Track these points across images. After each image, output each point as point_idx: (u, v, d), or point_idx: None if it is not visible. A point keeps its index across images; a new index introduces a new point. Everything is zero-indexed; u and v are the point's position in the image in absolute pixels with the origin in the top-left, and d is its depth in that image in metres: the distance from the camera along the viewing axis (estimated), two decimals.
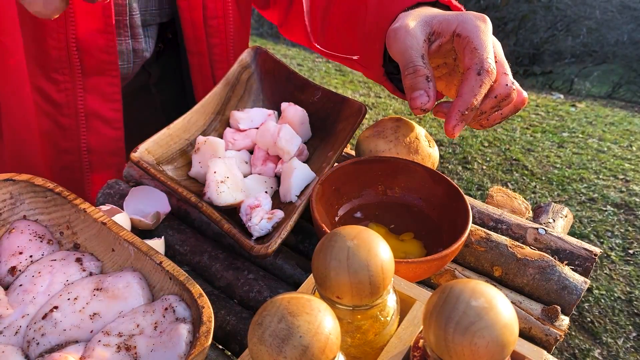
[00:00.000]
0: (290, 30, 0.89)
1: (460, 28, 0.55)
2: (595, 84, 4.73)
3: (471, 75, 0.52)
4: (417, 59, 0.55)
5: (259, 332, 0.29)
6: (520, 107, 0.58)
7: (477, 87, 0.52)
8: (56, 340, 0.43)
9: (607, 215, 2.31)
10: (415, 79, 0.55)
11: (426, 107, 0.54)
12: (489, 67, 0.52)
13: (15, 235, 0.51)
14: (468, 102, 0.52)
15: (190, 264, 0.60)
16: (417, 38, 0.56)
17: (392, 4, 0.63)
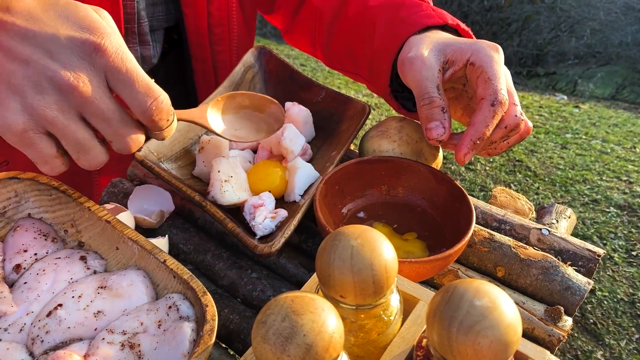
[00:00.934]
0: (295, 38, 0.89)
1: (474, 57, 0.56)
2: (598, 85, 4.72)
3: (485, 106, 0.53)
4: (432, 90, 0.56)
5: (263, 330, 0.29)
6: (525, 137, 0.59)
7: (489, 117, 0.53)
8: (60, 338, 0.43)
9: (610, 216, 2.31)
10: (431, 109, 0.56)
11: (442, 138, 0.55)
12: (503, 98, 0.53)
13: (20, 233, 0.51)
14: (480, 132, 0.53)
15: (194, 262, 0.60)
16: (432, 69, 0.57)
17: (402, 27, 0.64)
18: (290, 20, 0.86)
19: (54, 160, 0.42)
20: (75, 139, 0.41)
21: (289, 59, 3.91)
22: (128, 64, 0.41)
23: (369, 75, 0.72)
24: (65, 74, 0.39)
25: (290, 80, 0.79)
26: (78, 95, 0.39)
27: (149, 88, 0.42)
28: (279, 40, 4.66)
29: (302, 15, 0.83)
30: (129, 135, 0.43)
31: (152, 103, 0.42)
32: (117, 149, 0.44)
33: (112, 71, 0.40)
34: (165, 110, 0.44)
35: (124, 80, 0.41)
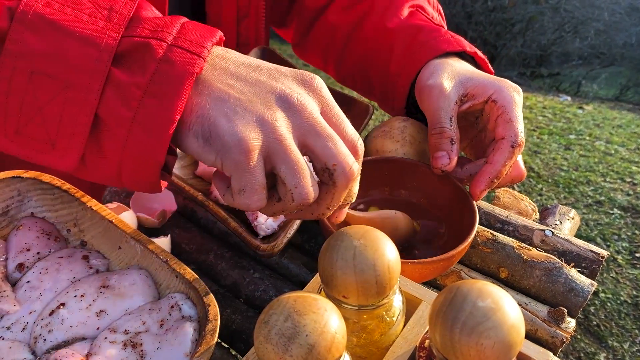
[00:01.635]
0: (306, 52, 0.88)
1: (497, 95, 0.57)
2: (602, 86, 4.70)
3: (505, 146, 0.55)
4: (445, 121, 0.57)
5: (265, 330, 0.29)
6: (516, 182, 0.61)
7: (508, 158, 0.55)
8: (63, 337, 0.43)
9: (614, 218, 2.30)
10: (440, 139, 0.57)
11: (446, 168, 0.57)
12: (522, 142, 0.55)
13: (23, 232, 0.52)
14: (498, 171, 0.55)
15: (196, 262, 0.60)
16: (449, 100, 0.58)
17: (421, 51, 0.65)
18: (303, 35, 0.86)
19: (263, 191, 0.39)
20: (297, 160, 0.38)
21: (292, 59, 3.91)
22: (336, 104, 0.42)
23: (382, 96, 0.73)
24: (293, 94, 0.39)
25: None
26: (306, 114, 0.39)
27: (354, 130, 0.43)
28: (281, 39, 4.66)
29: (316, 31, 0.83)
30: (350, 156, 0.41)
31: (359, 141, 0.42)
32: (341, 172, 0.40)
33: (327, 104, 0.41)
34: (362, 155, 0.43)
35: (337, 115, 0.41)
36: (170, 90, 0.36)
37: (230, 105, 0.38)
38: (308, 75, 0.41)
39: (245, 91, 0.39)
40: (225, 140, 0.37)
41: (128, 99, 0.36)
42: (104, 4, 0.38)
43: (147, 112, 0.36)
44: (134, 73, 0.36)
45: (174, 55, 0.37)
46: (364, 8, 0.75)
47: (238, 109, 0.38)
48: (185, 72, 0.37)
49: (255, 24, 0.80)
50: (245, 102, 0.38)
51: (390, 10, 0.72)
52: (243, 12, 0.78)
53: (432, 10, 0.75)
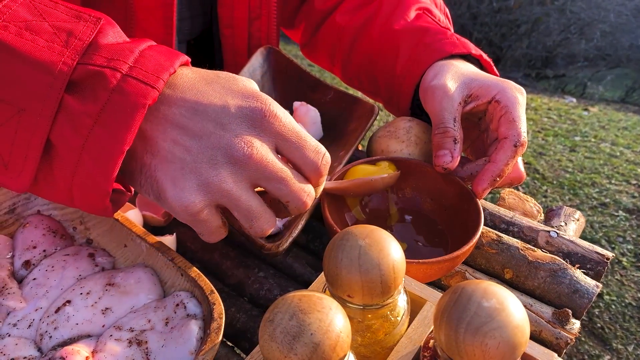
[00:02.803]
0: (314, 53, 0.89)
1: (500, 96, 0.58)
2: (608, 88, 4.69)
3: (508, 146, 0.55)
4: (448, 121, 0.58)
5: (270, 329, 0.29)
6: (515, 184, 0.61)
7: (511, 157, 0.55)
8: (68, 334, 0.44)
9: (619, 220, 2.29)
10: (443, 138, 0.58)
11: (448, 166, 0.57)
12: (525, 141, 0.56)
13: (29, 230, 0.52)
14: (500, 170, 0.55)
15: (201, 261, 0.60)
16: (453, 100, 0.58)
17: (427, 53, 0.65)
18: (311, 36, 0.87)
19: (219, 231, 0.42)
20: (248, 207, 0.40)
21: (297, 59, 3.90)
22: (295, 127, 0.41)
23: (388, 97, 0.74)
24: (239, 144, 0.39)
25: (298, 80, 0.79)
26: (253, 164, 0.39)
27: (317, 146, 0.42)
28: (287, 39, 4.66)
29: (323, 32, 0.83)
30: (303, 190, 0.42)
31: (323, 159, 0.43)
32: (295, 207, 0.43)
33: (282, 137, 0.41)
34: (329, 163, 0.44)
35: (295, 143, 0.41)
36: (120, 121, 0.36)
37: (176, 167, 0.39)
38: (259, 110, 0.40)
39: (191, 148, 0.39)
40: (173, 205, 0.39)
41: (78, 127, 0.36)
42: (64, 27, 0.38)
43: (97, 141, 0.36)
44: (86, 101, 0.36)
45: (127, 86, 0.37)
46: (371, 10, 0.76)
47: (184, 171, 0.39)
48: (136, 104, 0.36)
49: (267, 25, 0.80)
50: (190, 163, 0.39)
51: (397, 12, 0.72)
52: (255, 13, 0.78)
53: (439, 13, 0.75)
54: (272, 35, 0.82)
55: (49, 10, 0.39)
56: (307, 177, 0.43)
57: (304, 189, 0.43)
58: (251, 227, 0.42)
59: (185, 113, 0.39)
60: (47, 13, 0.39)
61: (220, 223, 0.42)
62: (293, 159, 0.42)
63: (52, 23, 0.38)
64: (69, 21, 0.39)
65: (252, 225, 0.42)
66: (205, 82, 0.40)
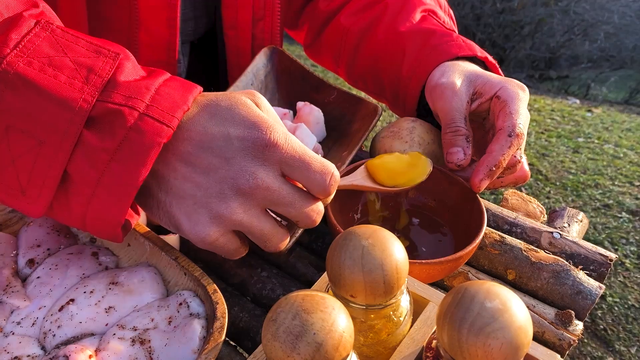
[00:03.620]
0: (318, 53, 0.90)
1: (501, 91, 0.58)
2: (612, 90, 4.68)
3: (502, 136, 0.56)
4: (459, 120, 0.59)
5: (273, 328, 0.29)
6: (519, 183, 0.62)
7: (506, 147, 0.55)
8: (72, 333, 0.44)
9: (622, 222, 2.29)
10: (455, 137, 0.58)
11: (461, 163, 0.58)
12: (520, 132, 0.56)
13: (34, 229, 0.52)
14: (496, 160, 0.55)
15: (204, 260, 0.60)
16: (462, 99, 0.59)
17: (433, 55, 0.66)
18: (315, 37, 0.87)
19: (239, 251, 0.45)
20: (261, 231, 0.43)
21: (300, 59, 3.90)
22: (298, 150, 0.42)
23: (393, 98, 0.74)
24: (245, 176, 0.40)
25: (302, 80, 0.79)
26: (259, 194, 0.41)
27: (322, 166, 0.43)
28: (290, 40, 4.67)
29: (328, 33, 0.84)
30: (313, 210, 0.44)
31: (330, 179, 0.43)
32: (305, 225, 0.45)
33: (286, 162, 0.42)
34: (338, 181, 0.45)
35: (299, 167, 0.42)
36: (136, 158, 0.38)
37: (189, 203, 0.41)
38: (260, 140, 0.41)
39: (200, 184, 0.41)
40: (190, 237, 0.42)
41: (96, 162, 0.38)
42: (84, 63, 0.40)
43: (113, 176, 0.38)
44: (104, 138, 0.38)
45: (143, 125, 0.38)
46: (377, 12, 0.76)
47: (196, 206, 0.41)
48: (152, 142, 0.38)
49: (270, 26, 0.81)
50: (201, 198, 0.41)
51: (403, 14, 0.72)
52: (259, 14, 0.79)
53: (444, 15, 0.75)
54: (276, 37, 0.82)
55: (71, 45, 0.40)
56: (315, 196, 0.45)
57: (313, 209, 0.44)
58: (265, 247, 0.45)
59: (192, 150, 0.41)
60: (69, 48, 0.40)
61: (238, 244, 0.44)
62: (300, 181, 0.43)
63: (73, 58, 0.40)
64: (89, 56, 0.40)
65: (267, 245, 0.45)
66: (208, 117, 0.42)
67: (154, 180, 0.42)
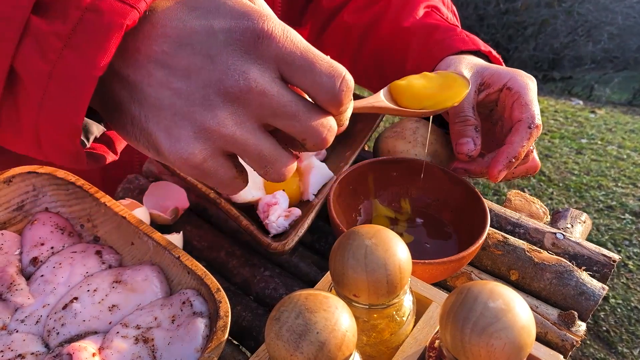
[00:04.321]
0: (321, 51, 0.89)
1: (512, 82, 0.58)
2: (615, 91, 4.66)
3: (522, 127, 0.56)
4: (468, 109, 0.58)
5: (276, 327, 0.29)
6: (530, 173, 0.62)
7: (525, 138, 0.55)
8: (75, 331, 0.44)
9: (625, 223, 2.28)
10: (464, 127, 0.58)
11: (472, 153, 0.58)
12: (540, 124, 0.56)
13: (37, 227, 0.52)
14: (516, 151, 0.55)
15: (208, 259, 0.60)
16: (470, 89, 0.58)
17: (437, 49, 0.66)
18: (318, 34, 0.87)
19: (235, 182, 0.37)
20: (259, 152, 0.35)
21: None
22: (300, 45, 0.34)
23: None
24: (233, 77, 0.33)
25: None
26: (253, 99, 0.33)
27: (331, 67, 0.35)
28: None
29: (331, 30, 0.84)
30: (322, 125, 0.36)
31: (342, 84, 0.35)
32: (314, 145, 0.36)
33: (285, 59, 0.33)
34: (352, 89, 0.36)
35: (302, 66, 0.34)
36: (93, 42, 0.31)
37: (167, 115, 0.33)
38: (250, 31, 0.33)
39: (180, 90, 0.33)
40: (171, 158, 0.34)
41: (46, 51, 0.31)
42: None
43: (66, 66, 0.32)
44: (55, 21, 0.31)
45: (102, 4, 0.31)
46: (380, 8, 0.76)
47: (176, 119, 0.33)
48: (112, 23, 0.31)
49: None
50: (181, 108, 0.33)
51: (406, 10, 0.73)
52: None
53: (447, 11, 0.75)
54: None
55: None
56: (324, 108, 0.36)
57: (322, 123, 0.36)
58: (266, 174, 0.37)
59: (169, 49, 0.33)
60: None
61: (234, 173, 0.36)
62: (303, 86, 0.35)
63: None
64: None
65: (267, 171, 0.37)
66: (187, 9, 0.34)
67: (125, 91, 0.34)
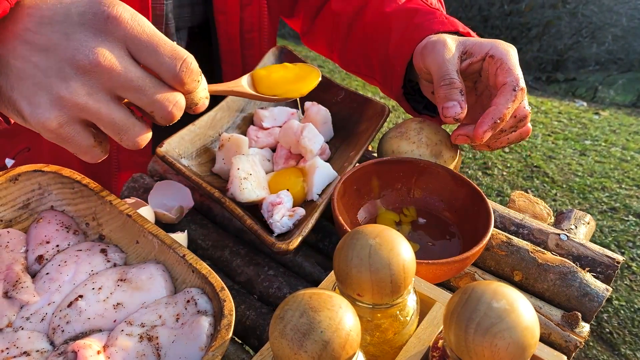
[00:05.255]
0: (313, 40, 0.92)
1: (494, 50, 0.59)
2: (619, 92, 4.65)
3: (507, 90, 0.56)
4: (453, 72, 0.59)
5: (281, 326, 0.29)
6: (524, 137, 0.63)
7: (510, 100, 0.56)
8: (80, 328, 0.44)
9: (629, 225, 2.27)
10: (450, 90, 0.58)
11: (459, 117, 0.58)
12: (524, 87, 0.57)
13: (43, 225, 0.52)
14: (501, 112, 0.56)
15: (212, 258, 0.61)
16: (453, 54, 0.60)
17: (416, 32, 0.67)
18: (309, 24, 0.88)
19: (93, 150, 0.42)
20: (111, 120, 0.40)
21: (307, 59, 3.89)
22: (147, 29, 0.39)
23: (383, 79, 0.75)
24: (84, 52, 0.37)
25: None
26: (102, 72, 0.38)
27: (174, 50, 0.40)
28: (297, 41, 4.67)
29: (321, 19, 0.85)
30: (168, 100, 0.41)
31: (182, 65, 0.40)
32: (161, 117, 0.41)
33: (132, 39, 0.39)
34: (195, 71, 0.42)
35: (147, 47, 0.39)
36: None
37: (29, 85, 0.38)
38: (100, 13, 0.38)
39: (39, 64, 0.38)
40: (32, 123, 0.39)
41: None
42: None
43: None
44: None
45: None
46: None
47: (36, 88, 0.38)
48: None
49: (258, 11, 0.82)
50: (40, 79, 0.38)
51: None
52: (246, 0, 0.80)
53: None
54: (264, 21, 0.84)
55: None
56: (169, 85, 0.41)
57: (168, 98, 0.41)
58: (121, 141, 0.41)
59: (32, 27, 0.38)
60: None
61: (91, 142, 0.41)
62: (149, 65, 0.40)
63: None
64: None
65: (122, 139, 0.41)
66: None
67: None
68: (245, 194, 0.59)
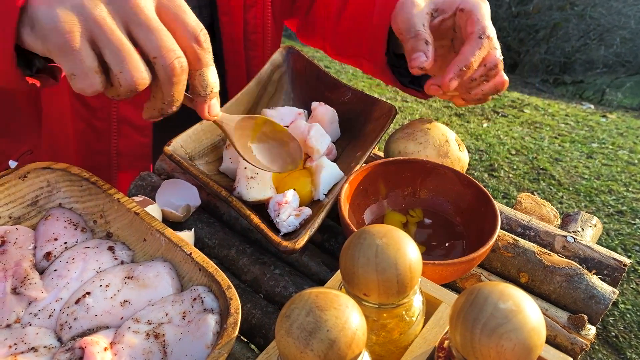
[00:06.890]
0: (307, 34, 0.93)
1: (464, 4, 0.61)
2: (627, 95, 4.63)
3: (473, 38, 0.58)
4: (419, 25, 0.60)
5: (287, 324, 0.30)
6: (500, 89, 0.63)
7: (476, 48, 0.57)
8: (87, 325, 0.44)
9: (636, 228, 2.26)
10: (416, 42, 0.59)
11: (424, 65, 0.58)
12: (490, 33, 0.58)
13: (51, 222, 0.53)
14: (467, 60, 0.57)
15: (218, 257, 0.61)
16: (421, 9, 0.61)
17: None
18: (303, 19, 0.90)
19: (94, 76, 0.41)
20: (119, 47, 0.40)
21: (315, 59, 3.89)
22: None
23: (370, 52, 0.75)
24: None
25: (317, 80, 0.79)
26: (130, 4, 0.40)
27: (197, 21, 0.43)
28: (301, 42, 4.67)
29: (313, 11, 0.87)
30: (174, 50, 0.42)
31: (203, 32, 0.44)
32: (161, 66, 0.42)
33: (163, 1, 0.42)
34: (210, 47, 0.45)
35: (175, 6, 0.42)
36: None
37: None
38: None
39: None
40: (44, 24, 0.39)
41: None
42: None
43: None
44: None
45: None
46: None
47: None
48: None
49: (262, 12, 0.83)
50: None
51: None
52: (250, 1, 0.81)
53: None
54: (268, 23, 0.84)
55: None
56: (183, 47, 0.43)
57: (175, 49, 0.42)
58: (121, 72, 0.41)
59: None
60: None
61: (95, 65, 0.40)
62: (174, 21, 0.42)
63: None
64: None
65: (122, 69, 0.41)
66: None
67: None
68: (251, 193, 0.59)
